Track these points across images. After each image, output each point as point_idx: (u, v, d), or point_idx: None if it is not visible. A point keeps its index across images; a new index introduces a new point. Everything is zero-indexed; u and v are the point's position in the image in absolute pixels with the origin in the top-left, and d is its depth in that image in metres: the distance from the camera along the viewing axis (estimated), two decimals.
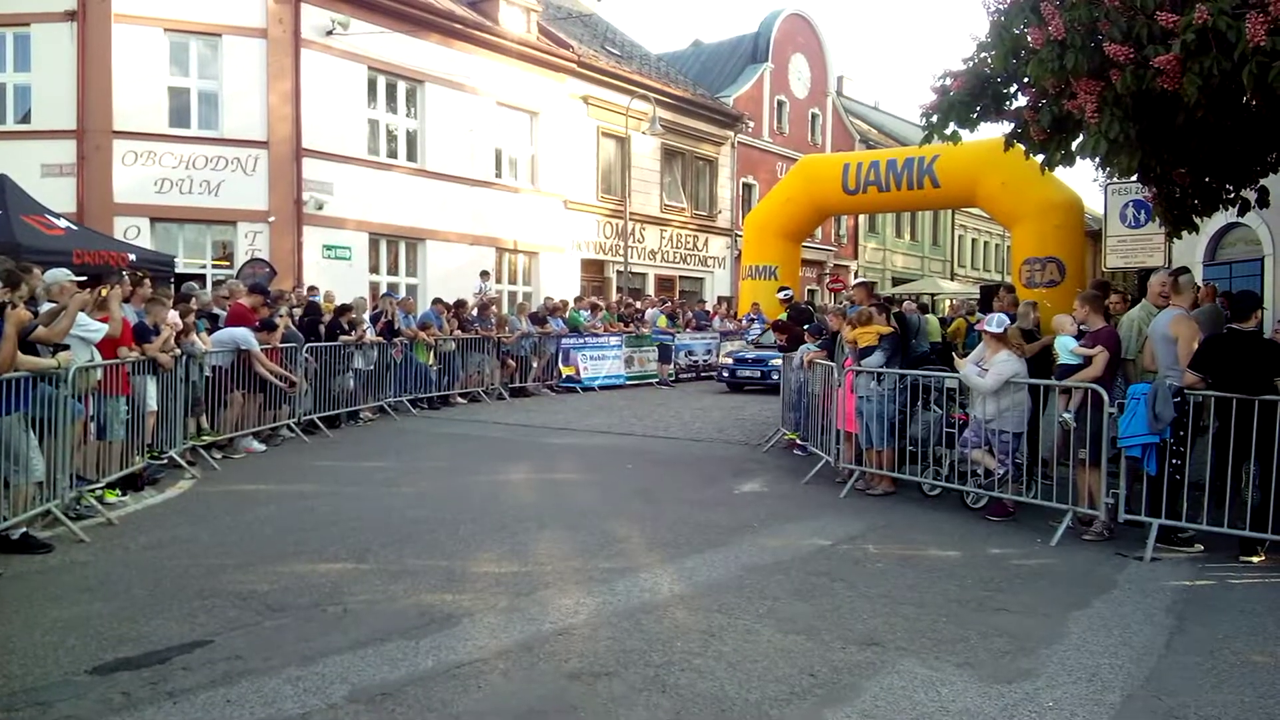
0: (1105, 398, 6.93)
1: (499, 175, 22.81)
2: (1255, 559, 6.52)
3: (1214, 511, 6.53)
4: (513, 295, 22.67)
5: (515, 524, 7.44)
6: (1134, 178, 9.70)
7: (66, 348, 7.08)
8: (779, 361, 17.00)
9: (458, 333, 16.12)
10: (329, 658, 4.52)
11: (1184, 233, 9.88)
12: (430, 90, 20.80)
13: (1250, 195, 9.07)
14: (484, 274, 20.49)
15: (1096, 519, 7.16)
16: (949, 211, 41.35)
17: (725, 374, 19.59)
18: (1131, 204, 15.12)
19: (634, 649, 4.69)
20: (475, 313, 17.20)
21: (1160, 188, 9.10)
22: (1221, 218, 11.86)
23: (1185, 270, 8.49)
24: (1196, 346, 6.79)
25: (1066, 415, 7.23)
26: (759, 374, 18.44)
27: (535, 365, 18.11)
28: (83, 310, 7.35)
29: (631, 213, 26.69)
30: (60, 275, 7.68)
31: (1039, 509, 7.65)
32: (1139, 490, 6.88)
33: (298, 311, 13.25)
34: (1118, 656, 4.74)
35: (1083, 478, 7.23)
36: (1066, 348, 7.63)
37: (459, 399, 16.12)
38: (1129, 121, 6.67)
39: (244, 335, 10.72)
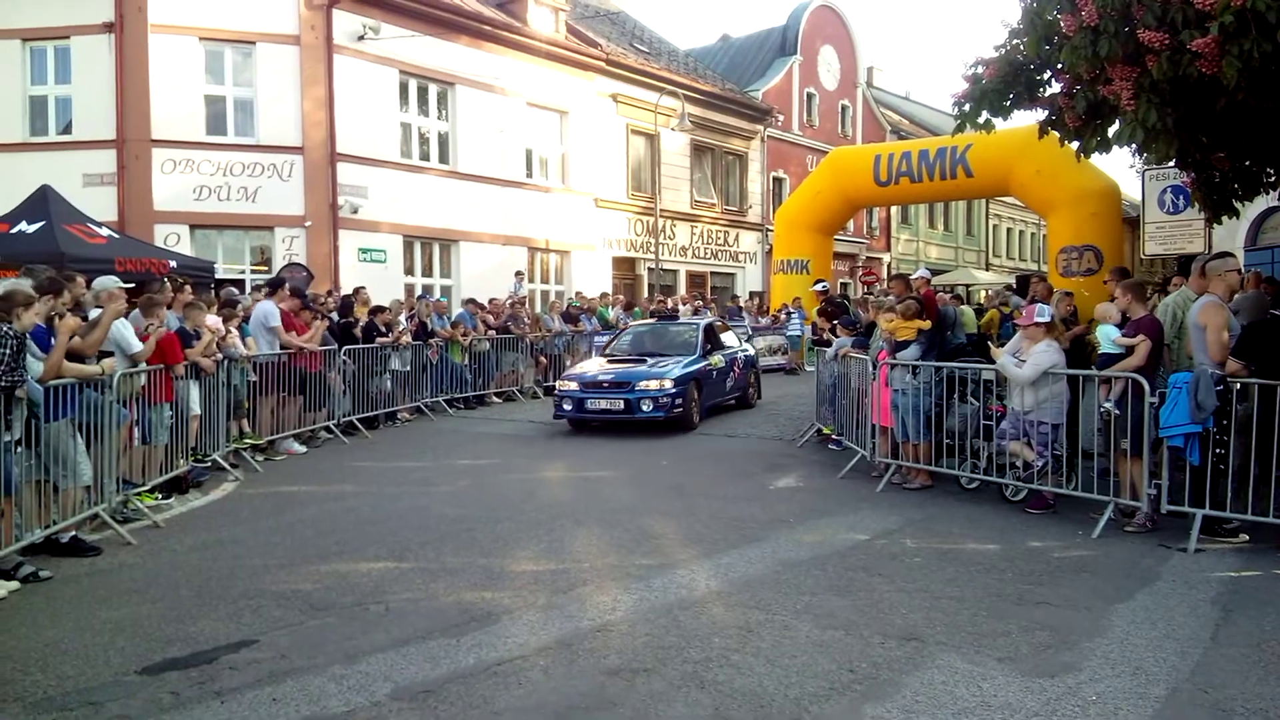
0: (1147, 387, 6.83)
1: (530, 175, 22.89)
2: None
3: (1256, 501, 6.42)
4: (545, 294, 22.76)
5: (552, 521, 7.49)
6: (1172, 163, 9.55)
7: (111, 354, 7.24)
8: (654, 384, 12.19)
9: (491, 332, 16.23)
10: (372, 656, 4.59)
11: (1224, 218, 9.71)
12: (461, 92, 20.92)
13: None
14: (518, 274, 20.68)
15: (1139, 510, 7.07)
16: (983, 201, 40.87)
17: (567, 406, 12.48)
18: (1170, 189, 14.89)
19: (672, 645, 4.71)
20: (507, 308, 17.29)
21: (1199, 173, 8.94)
22: (1262, 202, 11.65)
23: (1226, 254, 8.32)
24: (1225, 335, 6.66)
25: (1108, 405, 7.13)
26: (621, 404, 12.13)
27: (569, 363, 18.15)
28: (126, 317, 7.50)
29: (662, 209, 26.63)
30: (109, 283, 7.85)
31: (1080, 501, 7.56)
32: (1181, 480, 6.77)
33: (334, 315, 13.40)
34: (1162, 649, 4.68)
35: (1124, 468, 7.13)
36: (1108, 337, 7.52)
37: (494, 398, 16.23)
38: (1166, 108, 6.57)
39: (269, 309, 10.95)
